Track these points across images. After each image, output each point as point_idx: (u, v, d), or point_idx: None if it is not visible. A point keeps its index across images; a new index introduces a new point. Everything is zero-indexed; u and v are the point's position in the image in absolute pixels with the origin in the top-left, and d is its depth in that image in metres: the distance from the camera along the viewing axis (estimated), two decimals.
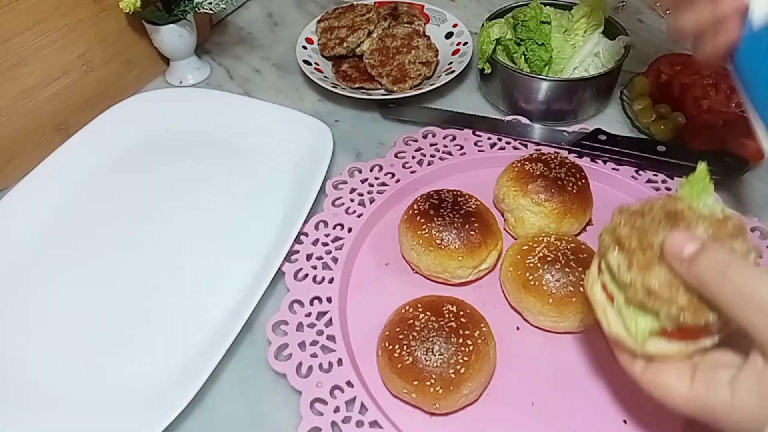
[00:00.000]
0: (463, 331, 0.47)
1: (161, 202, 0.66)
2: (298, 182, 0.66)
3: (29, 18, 0.66)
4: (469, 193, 0.59)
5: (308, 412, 0.47)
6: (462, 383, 0.45)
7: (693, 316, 0.35)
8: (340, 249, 0.58)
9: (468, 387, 0.46)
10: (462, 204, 0.56)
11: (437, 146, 0.68)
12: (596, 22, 0.74)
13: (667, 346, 0.38)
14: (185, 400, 0.47)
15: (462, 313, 0.48)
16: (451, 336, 0.46)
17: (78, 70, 0.73)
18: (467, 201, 0.57)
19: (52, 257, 0.61)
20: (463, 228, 0.54)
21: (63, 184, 0.67)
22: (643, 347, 0.38)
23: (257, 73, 0.84)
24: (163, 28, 0.76)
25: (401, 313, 0.50)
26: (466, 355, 0.46)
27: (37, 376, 0.52)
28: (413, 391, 0.46)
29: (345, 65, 0.80)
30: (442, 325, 0.47)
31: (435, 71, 0.78)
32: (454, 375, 0.45)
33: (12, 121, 0.68)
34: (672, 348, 0.38)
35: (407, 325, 0.48)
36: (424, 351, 0.46)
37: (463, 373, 0.45)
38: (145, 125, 0.74)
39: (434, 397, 0.45)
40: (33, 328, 0.56)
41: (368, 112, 0.76)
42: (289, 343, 0.51)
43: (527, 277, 0.51)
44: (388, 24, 0.83)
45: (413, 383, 0.46)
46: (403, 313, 0.49)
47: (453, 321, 0.47)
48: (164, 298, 0.57)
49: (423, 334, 0.47)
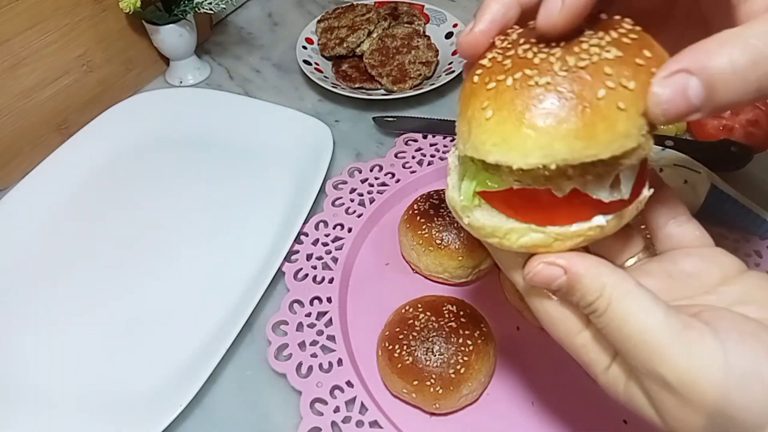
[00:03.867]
0: (463, 331, 0.47)
1: (161, 202, 0.66)
2: (298, 182, 0.66)
3: (29, 18, 0.66)
4: None
5: (308, 412, 0.47)
6: (462, 383, 0.45)
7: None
8: (340, 249, 0.58)
9: (468, 387, 0.46)
10: None
11: (437, 146, 0.68)
12: None
13: (500, 219, 0.28)
14: (185, 400, 0.47)
15: (462, 313, 0.49)
16: (451, 336, 0.46)
17: (78, 70, 0.73)
18: None
19: (52, 257, 0.61)
20: (464, 229, 0.54)
21: (63, 184, 0.67)
22: (467, 215, 0.29)
23: (257, 73, 0.84)
24: (163, 28, 0.76)
25: (401, 313, 0.50)
26: (466, 355, 0.46)
27: (36, 375, 0.52)
28: (413, 391, 0.46)
29: (345, 65, 0.80)
30: (442, 325, 0.47)
31: (435, 71, 0.78)
32: (454, 375, 0.45)
33: (12, 121, 0.68)
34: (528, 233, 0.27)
35: (407, 325, 0.48)
36: (424, 351, 0.46)
37: (463, 373, 0.45)
38: (145, 125, 0.74)
39: (434, 397, 0.45)
40: (33, 327, 0.56)
41: (368, 112, 0.76)
42: (289, 343, 0.51)
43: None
44: (388, 24, 0.83)
45: (413, 383, 0.46)
46: (403, 313, 0.49)
47: (453, 321, 0.47)
48: (164, 298, 0.57)
49: (423, 334, 0.47)
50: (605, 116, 0.24)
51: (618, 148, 0.24)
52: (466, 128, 0.27)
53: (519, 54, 0.26)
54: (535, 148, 0.24)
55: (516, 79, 0.25)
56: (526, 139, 0.24)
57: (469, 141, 0.26)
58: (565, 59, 0.25)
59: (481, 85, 0.26)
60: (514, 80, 0.25)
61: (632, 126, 0.24)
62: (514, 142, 0.24)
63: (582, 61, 0.24)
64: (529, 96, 0.24)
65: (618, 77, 0.24)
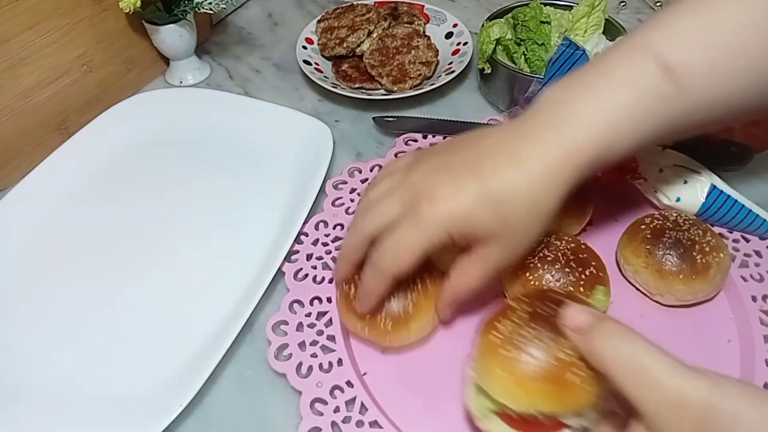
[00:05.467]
0: (414, 273, 0.49)
1: (161, 202, 0.66)
2: (298, 182, 0.66)
3: (29, 18, 0.66)
4: None
5: (308, 412, 0.47)
6: (410, 320, 0.49)
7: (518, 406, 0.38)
8: (340, 249, 0.58)
9: (416, 324, 0.50)
10: None
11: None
12: (596, 22, 0.74)
13: (506, 429, 0.41)
14: (185, 400, 0.47)
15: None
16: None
17: (78, 70, 0.73)
18: None
19: (52, 257, 0.61)
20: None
21: (63, 184, 0.67)
22: (481, 421, 0.42)
23: (257, 73, 0.84)
24: (163, 28, 0.76)
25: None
26: (416, 293, 0.49)
27: (36, 375, 0.52)
28: (366, 326, 0.49)
29: (345, 65, 0.80)
30: None
31: (435, 71, 0.78)
32: (403, 312, 0.49)
33: (12, 120, 0.68)
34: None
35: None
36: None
37: (411, 310, 0.49)
38: (145, 125, 0.74)
39: (385, 332, 0.49)
40: (32, 327, 0.56)
41: (368, 112, 0.76)
42: (289, 343, 0.51)
43: (527, 277, 0.51)
44: (388, 24, 0.83)
45: (365, 319, 0.49)
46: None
47: None
48: (164, 298, 0.57)
49: None
50: (568, 387, 0.37)
51: (581, 404, 0.38)
52: (482, 370, 0.41)
53: (526, 336, 0.39)
54: (522, 401, 0.38)
55: (523, 355, 0.38)
56: (525, 395, 0.38)
57: (485, 382, 0.40)
58: (552, 352, 0.37)
59: (498, 347, 0.39)
60: (522, 356, 0.38)
61: (584, 399, 0.37)
62: (516, 395, 0.38)
63: (561, 354, 0.37)
64: (527, 369, 0.38)
65: (580, 370, 0.37)
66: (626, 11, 0.90)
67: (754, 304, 0.52)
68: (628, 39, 0.43)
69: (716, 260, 0.52)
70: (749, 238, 0.57)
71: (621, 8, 0.88)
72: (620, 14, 0.89)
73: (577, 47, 0.56)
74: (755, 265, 0.55)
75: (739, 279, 0.54)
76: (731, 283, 0.54)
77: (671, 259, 0.52)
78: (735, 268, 0.55)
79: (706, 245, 0.52)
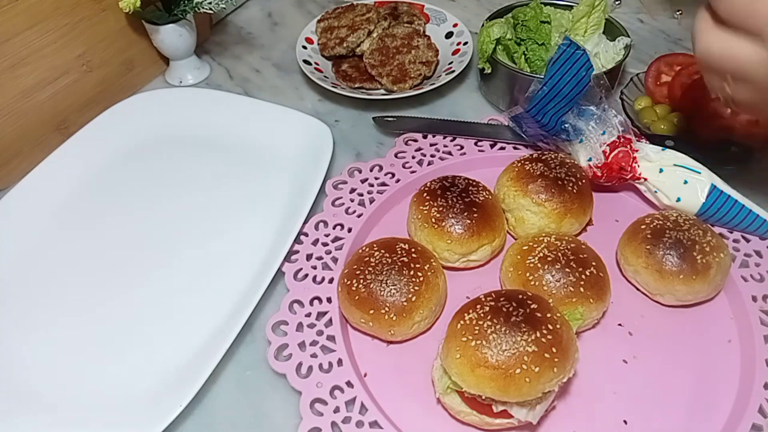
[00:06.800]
0: (414, 264, 0.52)
1: (161, 202, 0.66)
2: (298, 182, 0.66)
3: (29, 18, 0.66)
4: (485, 186, 0.60)
5: (308, 412, 0.47)
6: (414, 310, 0.50)
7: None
8: (340, 249, 0.58)
9: (420, 314, 0.51)
10: (470, 193, 0.57)
11: (437, 146, 0.68)
12: (596, 22, 0.74)
13: (461, 405, 0.46)
14: (185, 400, 0.47)
15: (413, 250, 0.53)
16: (403, 269, 0.51)
17: (78, 70, 0.73)
18: (477, 191, 0.58)
19: (52, 257, 0.61)
20: (461, 215, 0.55)
21: (63, 184, 0.67)
22: (442, 396, 0.47)
23: (257, 72, 0.84)
24: (163, 28, 0.76)
25: (359, 253, 0.54)
26: (417, 285, 0.50)
27: (36, 376, 0.52)
28: (370, 319, 0.50)
29: (345, 65, 0.80)
30: (395, 260, 0.52)
31: (435, 71, 0.78)
32: (406, 303, 0.50)
33: (12, 120, 0.68)
34: (464, 409, 0.46)
35: (363, 263, 0.52)
36: (379, 283, 0.50)
37: (414, 301, 0.50)
38: (145, 125, 0.74)
39: (389, 324, 0.50)
40: (33, 328, 0.56)
41: (368, 112, 0.76)
42: (289, 344, 0.51)
43: (527, 277, 0.51)
44: (388, 24, 0.83)
45: (369, 312, 0.50)
46: (361, 252, 0.54)
47: (405, 256, 0.52)
48: (164, 298, 0.57)
49: (377, 269, 0.51)
50: (513, 379, 0.42)
51: (524, 397, 0.43)
52: (445, 353, 0.46)
53: (483, 327, 0.44)
54: (471, 383, 0.43)
55: (477, 343, 0.43)
56: (473, 378, 0.43)
57: (446, 362, 0.45)
58: (505, 346, 0.43)
59: (459, 333, 0.45)
60: (476, 343, 0.43)
61: (527, 393, 0.43)
62: (466, 377, 0.43)
63: (513, 348, 0.43)
64: (478, 356, 0.43)
65: (531, 363, 0.42)
66: (626, 11, 0.90)
67: (754, 304, 0.52)
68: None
69: (717, 260, 0.52)
70: (749, 238, 0.57)
71: (616, 6, 0.88)
72: (620, 14, 0.89)
73: (578, 47, 0.56)
74: (755, 265, 0.55)
75: (740, 279, 0.54)
76: (731, 283, 0.54)
77: (671, 259, 0.52)
78: (735, 268, 0.55)
79: (706, 245, 0.52)
